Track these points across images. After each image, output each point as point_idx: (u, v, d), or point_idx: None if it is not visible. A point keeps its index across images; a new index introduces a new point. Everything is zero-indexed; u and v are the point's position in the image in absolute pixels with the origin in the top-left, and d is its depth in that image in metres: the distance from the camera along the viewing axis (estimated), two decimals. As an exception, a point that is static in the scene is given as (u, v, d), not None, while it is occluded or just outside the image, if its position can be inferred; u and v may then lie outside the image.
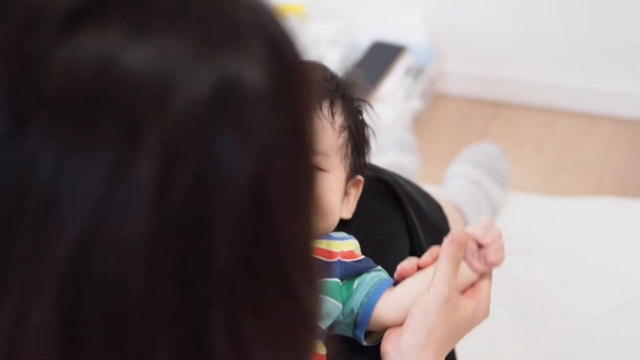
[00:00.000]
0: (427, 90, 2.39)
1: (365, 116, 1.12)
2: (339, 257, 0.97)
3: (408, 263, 0.95)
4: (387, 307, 0.93)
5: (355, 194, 1.09)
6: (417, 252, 1.17)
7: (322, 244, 0.98)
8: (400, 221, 1.16)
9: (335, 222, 1.04)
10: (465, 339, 1.49)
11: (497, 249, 0.93)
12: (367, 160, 1.11)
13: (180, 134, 0.45)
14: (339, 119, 1.04)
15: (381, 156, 1.90)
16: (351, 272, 0.97)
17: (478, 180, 1.75)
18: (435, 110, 2.41)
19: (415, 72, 2.31)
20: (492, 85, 2.42)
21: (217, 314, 0.49)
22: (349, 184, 1.07)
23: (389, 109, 2.18)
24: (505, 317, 1.57)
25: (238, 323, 0.50)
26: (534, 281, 1.65)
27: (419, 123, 2.34)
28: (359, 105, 1.11)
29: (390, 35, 2.36)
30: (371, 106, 1.14)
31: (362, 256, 0.99)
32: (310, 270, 0.54)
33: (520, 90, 2.40)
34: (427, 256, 0.95)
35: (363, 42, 2.38)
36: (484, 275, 0.94)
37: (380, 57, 2.32)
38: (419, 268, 0.95)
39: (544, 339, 1.54)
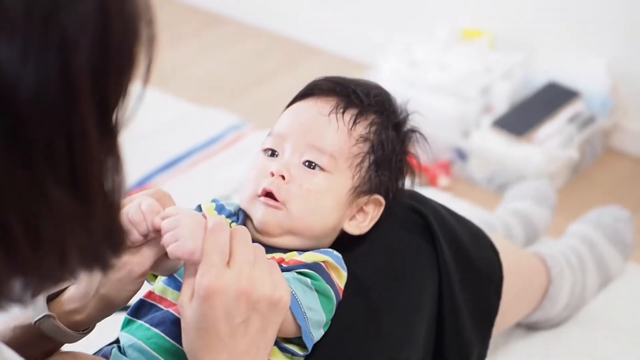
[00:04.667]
0: (596, 142, 2.27)
1: (412, 145, 1.11)
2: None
3: None
4: None
5: (372, 215, 1.07)
6: (446, 291, 1.13)
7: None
8: (430, 257, 1.12)
9: (326, 227, 1.02)
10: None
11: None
12: (397, 186, 1.09)
13: None
14: (361, 129, 1.05)
15: (515, 201, 1.83)
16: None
17: (593, 241, 1.65)
18: (601, 165, 2.28)
19: (584, 121, 2.20)
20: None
21: None
22: (363, 199, 1.05)
23: (539, 153, 2.10)
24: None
25: None
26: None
27: (580, 174, 2.22)
28: (406, 134, 1.10)
29: (568, 77, 2.27)
30: (424, 138, 1.12)
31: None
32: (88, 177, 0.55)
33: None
34: None
35: (539, 79, 2.30)
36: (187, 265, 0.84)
37: (551, 98, 2.23)
38: None
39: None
